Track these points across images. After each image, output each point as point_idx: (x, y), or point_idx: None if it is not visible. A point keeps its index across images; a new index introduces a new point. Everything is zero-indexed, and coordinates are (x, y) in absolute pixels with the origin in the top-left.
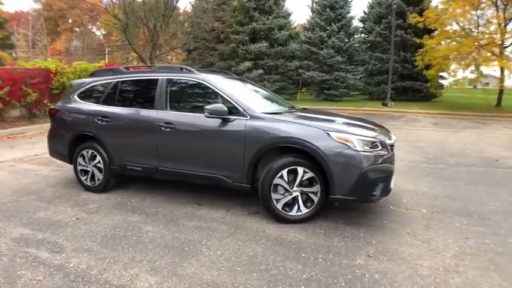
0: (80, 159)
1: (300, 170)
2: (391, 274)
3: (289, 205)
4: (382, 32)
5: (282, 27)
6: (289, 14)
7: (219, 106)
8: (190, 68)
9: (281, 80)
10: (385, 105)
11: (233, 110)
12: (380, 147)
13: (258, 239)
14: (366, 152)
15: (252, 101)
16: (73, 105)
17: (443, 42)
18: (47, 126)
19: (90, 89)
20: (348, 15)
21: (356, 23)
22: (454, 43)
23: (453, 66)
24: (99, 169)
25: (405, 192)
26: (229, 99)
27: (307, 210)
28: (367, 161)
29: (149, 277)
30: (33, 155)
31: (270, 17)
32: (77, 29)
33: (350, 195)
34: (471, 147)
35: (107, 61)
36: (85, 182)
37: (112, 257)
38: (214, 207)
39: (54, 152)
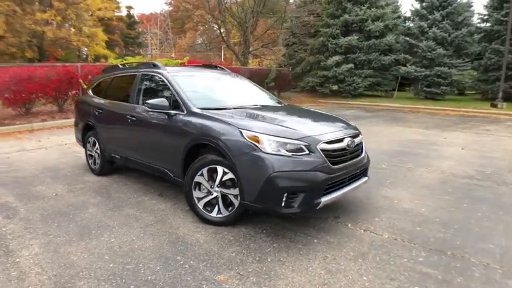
0: (88, 145)
1: (220, 169)
2: None
3: (213, 205)
4: (502, 19)
5: (378, 18)
6: (388, 4)
7: (160, 101)
8: (158, 64)
9: (374, 75)
10: (494, 106)
11: (178, 105)
12: (306, 152)
13: (161, 235)
14: (279, 155)
15: (204, 97)
16: (87, 98)
17: None
18: None
19: (98, 84)
20: (456, 2)
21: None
22: None
23: None
24: (99, 155)
25: (390, 210)
26: (176, 94)
27: (227, 213)
28: (279, 166)
29: (36, 249)
30: None
31: (363, 7)
32: (200, 27)
33: (257, 202)
34: None
35: (222, 57)
36: (91, 165)
37: (35, 229)
38: (167, 199)
39: (76, 138)
